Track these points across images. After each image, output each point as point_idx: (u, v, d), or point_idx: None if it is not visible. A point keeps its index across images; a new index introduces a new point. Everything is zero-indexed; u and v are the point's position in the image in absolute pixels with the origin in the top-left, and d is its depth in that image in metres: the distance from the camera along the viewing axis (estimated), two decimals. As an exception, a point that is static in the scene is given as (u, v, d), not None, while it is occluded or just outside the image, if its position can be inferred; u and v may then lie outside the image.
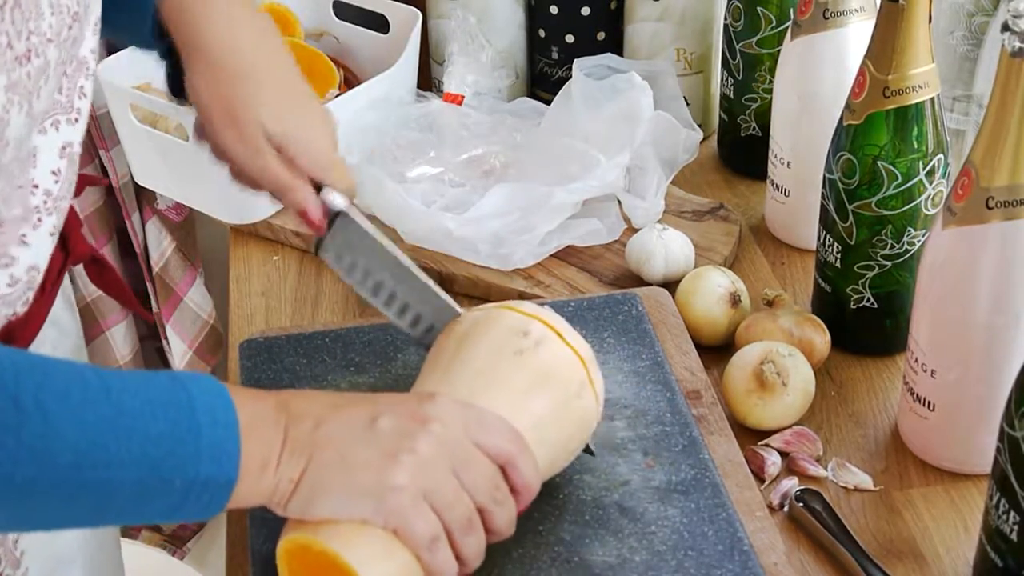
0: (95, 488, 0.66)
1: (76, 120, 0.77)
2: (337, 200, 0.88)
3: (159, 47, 0.90)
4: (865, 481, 0.97)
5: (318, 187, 0.88)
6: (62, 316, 0.92)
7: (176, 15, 0.87)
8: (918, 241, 1.02)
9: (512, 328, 0.83)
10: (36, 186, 0.76)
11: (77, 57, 0.76)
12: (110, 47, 1.41)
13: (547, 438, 0.82)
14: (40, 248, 0.78)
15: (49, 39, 0.72)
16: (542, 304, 0.88)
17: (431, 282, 0.88)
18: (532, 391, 0.82)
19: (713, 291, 1.08)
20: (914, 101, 0.97)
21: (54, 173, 0.77)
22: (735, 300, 1.08)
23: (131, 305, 0.96)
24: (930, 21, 0.95)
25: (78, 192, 0.83)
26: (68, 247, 0.85)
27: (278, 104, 0.87)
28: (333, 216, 0.87)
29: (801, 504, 0.93)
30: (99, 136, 1.60)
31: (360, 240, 0.88)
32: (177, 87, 0.90)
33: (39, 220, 0.77)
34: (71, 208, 0.83)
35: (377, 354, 0.99)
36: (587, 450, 0.89)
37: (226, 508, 0.70)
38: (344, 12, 1.41)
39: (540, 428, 0.81)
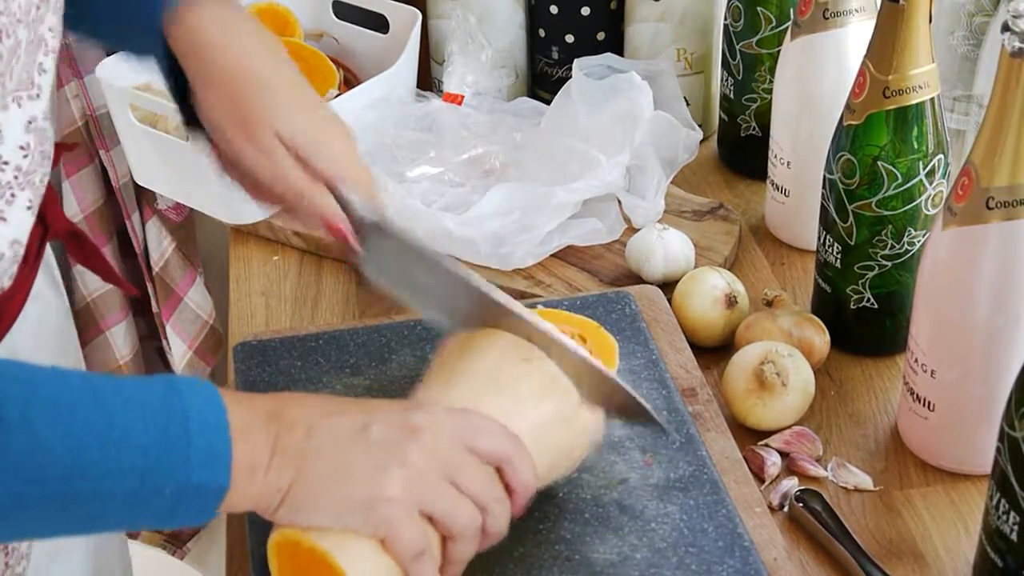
0: (86, 499, 0.67)
1: (38, 96, 0.78)
2: (362, 205, 0.86)
3: (162, 66, 0.90)
4: (865, 481, 0.96)
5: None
6: (45, 291, 0.93)
7: (189, 41, 0.87)
8: (918, 241, 1.02)
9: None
10: (6, 163, 0.76)
11: (37, 34, 0.77)
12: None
13: (548, 445, 0.81)
14: (19, 222, 0.78)
15: (19, 19, 0.72)
16: (534, 304, 0.88)
17: (479, 280, 0.85)
18: (537, 398, 0.82)
19: (709, 293, 1.08)
20: (914, 101, 0.97)
21: (22, 148, 0.77)
22: (731, 301, 1.08)
23: (114, 280, 0.97)
24: (930, 21, 0.95)
25: (55, 163, 0.83)
26: (47, 222, 0.85)
27: (292, 110, 0.87)
28: (365, 226, 0.86)
29: (801, 504, 0.93)
30: (99, 136, 1.60)
31: (400, 249, 0.86)
32: (189, 116, 0.90)
33: (12, 195, 0.77)
34: (48, 185, 0.83)
35: (372, 355, 0.99)
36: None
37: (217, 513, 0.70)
38: (344, 12, 1.41)
39: (542, 434, 0.81)
